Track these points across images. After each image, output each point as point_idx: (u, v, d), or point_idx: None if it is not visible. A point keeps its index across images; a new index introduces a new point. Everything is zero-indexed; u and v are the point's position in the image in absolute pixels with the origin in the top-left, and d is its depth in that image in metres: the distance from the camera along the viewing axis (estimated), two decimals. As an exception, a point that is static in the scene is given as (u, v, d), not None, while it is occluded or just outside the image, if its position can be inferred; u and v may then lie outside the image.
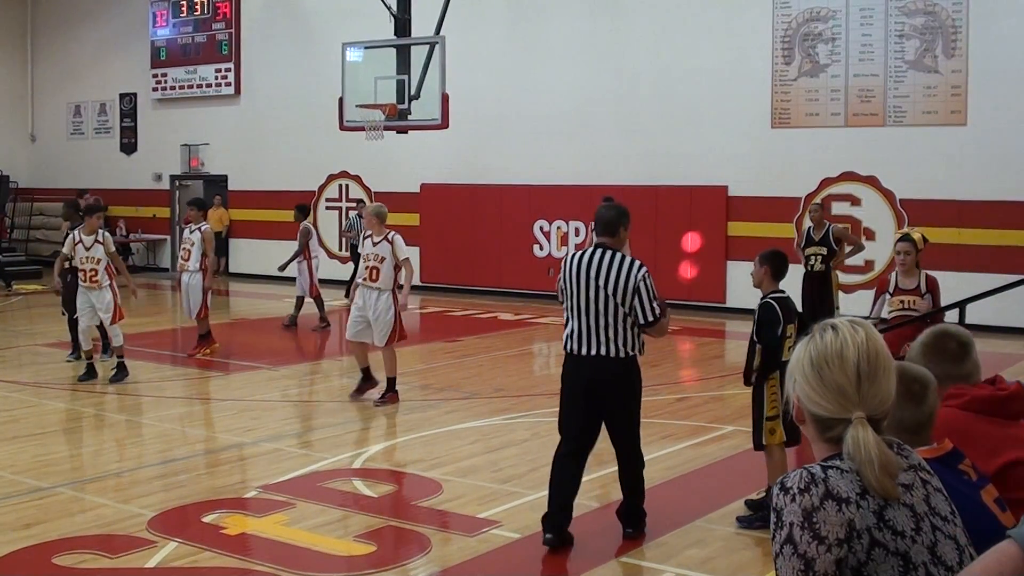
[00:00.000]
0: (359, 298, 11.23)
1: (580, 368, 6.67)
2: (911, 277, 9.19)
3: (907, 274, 9.20)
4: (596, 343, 6.60)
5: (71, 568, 6.35)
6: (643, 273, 6.60)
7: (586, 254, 6.69)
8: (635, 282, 6.54)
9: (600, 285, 6.55)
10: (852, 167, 17.56)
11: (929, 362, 3.38)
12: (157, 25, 26.00)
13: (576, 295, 6.62)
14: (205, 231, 14.17)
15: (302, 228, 17.01)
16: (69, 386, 12.24)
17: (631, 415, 6.82)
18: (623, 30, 19.38)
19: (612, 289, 6.54)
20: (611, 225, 6.77)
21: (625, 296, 6.53)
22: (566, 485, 6.67)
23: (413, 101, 15.25)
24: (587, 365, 6.63)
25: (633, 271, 6.57)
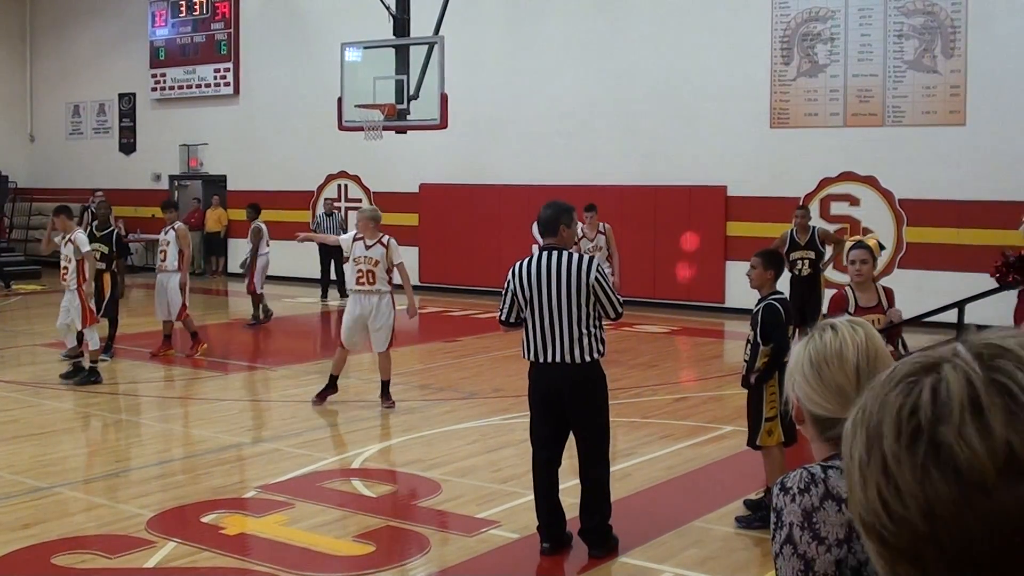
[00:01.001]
0: (354, 305, 11.05)
1: (542, 375, 6.56)
2: (868, 292, 7.67)
3: (863, 288, 7.66)
4: (555, 349, 6.47)
5: (70, 568, 6.35)
6: (596, 267, 6.51)
7: (534, 259, 6.58)
8: (591, 279, 6.42)
9: (556, 287, 6.44)
10: (851, 167, 17.56)
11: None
12: (156, 25, 25.99)
13: (532, 301, 6.51)
14: (179, 228, 14.08)
15: (253, 227, 17.42)
16: (68, 386, 12.24)
17: (596, 422, 6.62)
18: (622, 30, 19.38)
19: (568, 289, 6.42)
20: (551, 224, 6.64)
21: (588, 295, 6.43)
22: (549, 490, 6.61)
23: (412, 101, 15.23)
24: (548, 372, 6.51)
25: (584, 267, 6.45)
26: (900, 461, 0.94)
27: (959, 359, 0.96)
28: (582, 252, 13.75)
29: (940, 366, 0.97)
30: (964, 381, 0.94)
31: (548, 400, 6.55)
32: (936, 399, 0.94)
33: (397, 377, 11.30)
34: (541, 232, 6.74)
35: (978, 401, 0.92)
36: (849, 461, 1.00)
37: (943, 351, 0.99)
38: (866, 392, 1.02)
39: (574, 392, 6.50)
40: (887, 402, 0.97)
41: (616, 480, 7.09)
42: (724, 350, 15.52)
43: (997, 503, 0.90)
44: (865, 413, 1.00)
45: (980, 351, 0.97)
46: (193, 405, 11.72)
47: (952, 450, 0.91)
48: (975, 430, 0.91)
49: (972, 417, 0.92)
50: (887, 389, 0.99)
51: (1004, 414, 0.91)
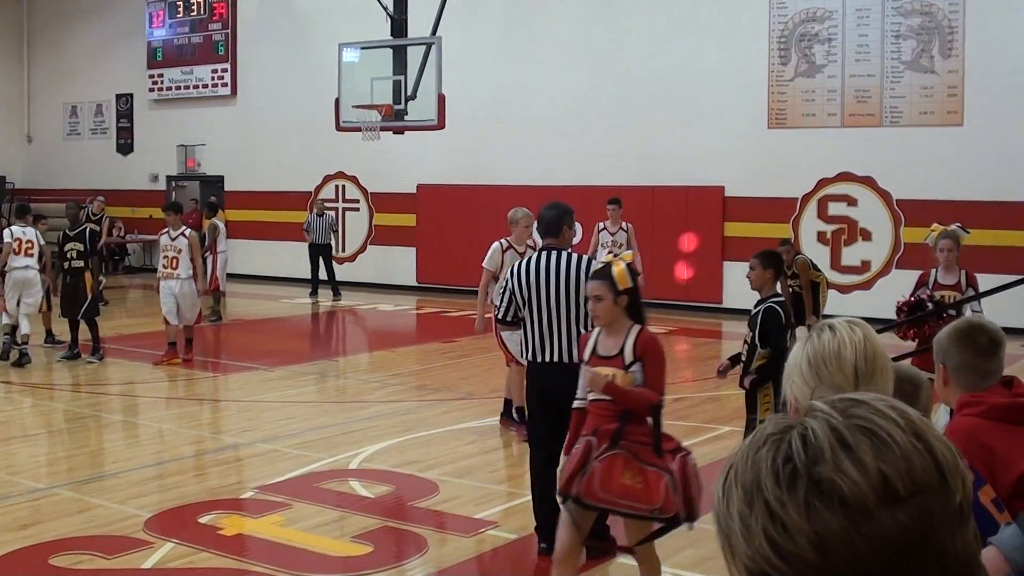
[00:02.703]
0: None
1: (539, 375, 6.62)
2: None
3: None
4: (552, 349, 6.53)
5: (68, 569, 6.35)
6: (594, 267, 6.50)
7: (533, 259, 6.64)
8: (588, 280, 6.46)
9: (555, 287, 6.50)
10: (849, 167, 17.57)
11: (955, 348, 3.37)
12: (153, 26, 25.97)
13: (531, 301, 6.56)
14: (191, 235, 13.64)
15: (210, 225, 17.78)
16: (67, 386, 12.24)
17: None
18: (619, 31, 19.38)
19: (567, 289, 6.48)
20: (553, 225, 6.67)
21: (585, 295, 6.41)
22: (547, 491, 6.55)
23: (409, 102, 15.24)
24: (545, 371, 6.57)
25: (583, 267, 6.51)
26: (784, 503, 1.03)
27: (818, 412, 1.08)
28: (601, 244, 13.83)
29: (800, 422, 1.08)
30: (828, 427, 1.06)
31: (546, 399, 6.56)
32: (807, 444, 1.05)
33: (394, 378, 11.30)
34: (543, 232, 6.73)
35: (845, 441, 1.04)
36: (727, 521, 1.08)
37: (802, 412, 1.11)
38: (730, 458, 1.12)
39: (571, 392, 6.50)
40: (759, 458, 1.07)
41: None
42: (722, 350, 15.51)
43: (880, 526, 1.01)
44: (737, 473, 1.09)
45: (835, 405, 1.09)
46: (190, 405, 11.71)
47: (833, 483, 1.02)
48: (850, 463, 1.02)
49: (844, 454, 1.03)
50: (754, 450, 1.09)
51: (871, 449, 1.03)
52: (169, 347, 13.49)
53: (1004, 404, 3.27)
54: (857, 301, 16.99)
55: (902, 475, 1.02)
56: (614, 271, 5.39)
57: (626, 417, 5.26)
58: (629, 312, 5.43)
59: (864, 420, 1.06)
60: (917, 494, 1.02)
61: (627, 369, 5.35)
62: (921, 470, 1.03)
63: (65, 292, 13.53)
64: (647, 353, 5.40)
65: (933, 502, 1.03)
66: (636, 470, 5.16)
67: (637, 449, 5.20)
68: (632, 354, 5.37)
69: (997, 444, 3.18)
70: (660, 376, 5.46)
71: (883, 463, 1.02)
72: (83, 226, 13.75)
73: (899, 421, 1.06)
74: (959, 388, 3.38)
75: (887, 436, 1.04)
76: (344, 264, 22.77)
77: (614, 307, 5.38)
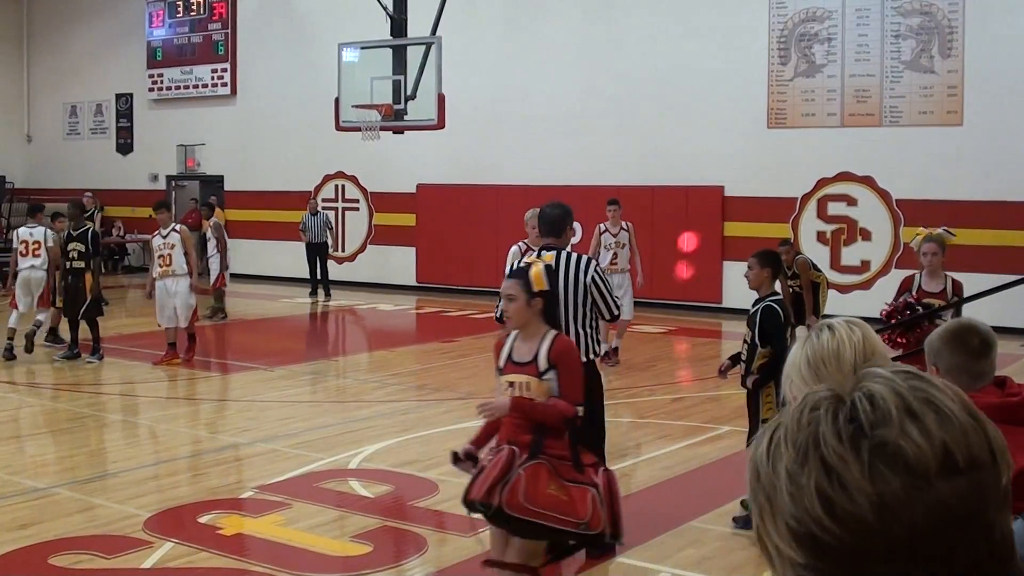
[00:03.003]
0: None
1: None
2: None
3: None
4: None
5: (67, 568, 6.35)
6: (594, 268, 6.55)
7: None
8: (588, 279, 6.47)
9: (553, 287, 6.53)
10: (848, 167, 17.58)
11: (947, 349, 3.37)
12: (153, 25, 25.98)
13: None
14: (182, 229, 13.54)
15: (215, 223, 17.95)
16: (66, 386, 12.24)
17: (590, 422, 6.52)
18: (619, 30, 19.39)
19: (565, 288, 6.45)
20: (557, 224, 6.68)
21: (584, 294, 6.47)
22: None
23: (409, 101, 15.23)
24: None
25: (582, 267, 6.50)
26: (846, 461, 1.02)
27: (880, 377, 1.08)
28: (604, 246, 13.84)
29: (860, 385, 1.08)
30: (894, 392, 1.05)
31: None
32: (874, 405, 1.04)
33: (393, 377, 11.30)
34: (545, 231, 6.71)
35: (911, 408, 1.04)
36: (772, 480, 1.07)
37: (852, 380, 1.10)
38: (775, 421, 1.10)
39: None
40: (816, 417, 1.06)
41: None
42: (722, 350, 15.50)
43: (939, 494, 1.01)
44: (787, 432, 1.07)
45: (897, 372, 1.09)
46: (190, 405, 11.71)
47: (899, 447, 1.02)
48: (916, 429, 1.03)
49: (910, 420, 1.03)
50: (808, 410, 1.07)
51: (936, 418, 1.04)
52: (169, 347, 13.45)
53: (997, 404, 3.28)
54: (857, 301, 16.98)
55: (961, 448, 1.03)
56: (531, 272, 5.15)
57: (541, 430, 4.99)
58: (546, 317, 5.18)
59: (924, 392, 1.06)
60: (973, 469, 1.03)
61: (541, 377, 5.06)
62: (977, 446, 1.04)
63: (67, 292, 13.55)
64: (561, 361, 5.08)
65: (987, 478, 1.04)
66: (560, 485, 4.90)
67: (557, 465, 4.95)
68: (546, 361, 5.07)
69: None
70: (575, 386, 5.12)
71: (946, 434, 1.03)
72: (85, 227, 13.74)
73: (955, 397, 1.07)
74: None
75: (948, 409, 1.05)
76: (344, 264, 22.78)
77: (527, 309, 5.11)
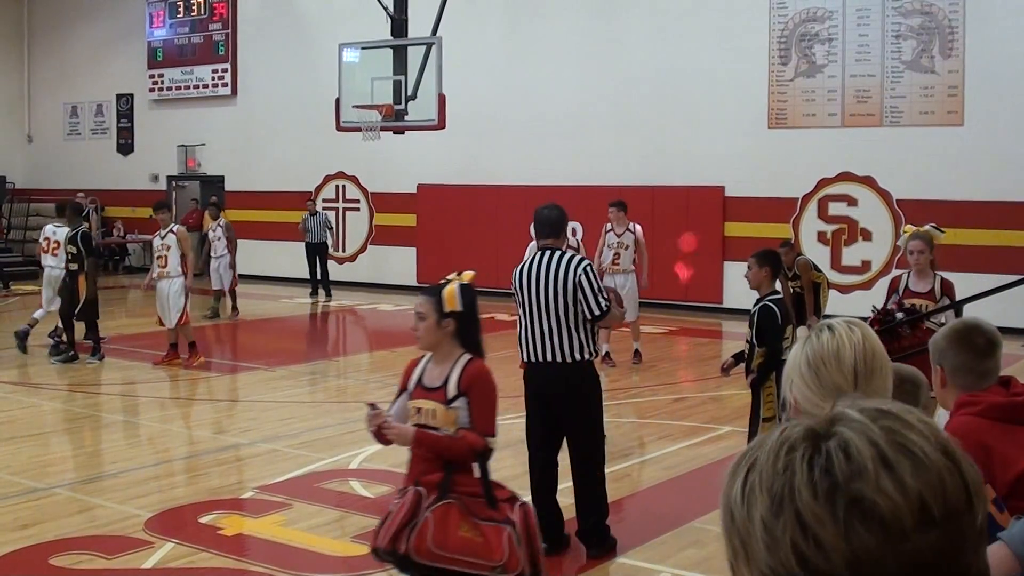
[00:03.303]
0: None
1: (533, 375, 6.62)
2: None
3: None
4: (545, 349, 6.50)
5: (68, 569, 6.35)
6: (584, 267, 6.47)
7: (533, 260, 6.60)
8: (576, 277, 6.41)
9: (545, 286, 6.47)
10: (849, 167, 17.57)
11: (952, 349, 3.37)
12: (154, 26, 25.98)
13: (525, 301, 6.56)
14: (179, 231, 13.51)
15: (226, 223, 18.06)
16: (66, 386, 12.24)
17: (587, 424, 6.60)
18: (620, 31, 19.38)
19: (555, 288, 6.43)
20: (556, 225, 6.66)
21: (572, 293, 6.41)
22: (547, 491, 6.63)
23: (410, 102, 15.22)
24: (538, 372, 6.56)
25: (572, 266, 6.45)
26: (821, 519, 1.00)
27: (855, 423, 1.05)
28: (607, 245, 13.86)
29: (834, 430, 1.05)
30: (868, 441, 1.03)
31: (541, 400, 6.59)
32: (849, 457, 1.02)
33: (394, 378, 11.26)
34: (545, 232, 6.68)
35: (887, 458, 1.02)
36: (746, 526, 1.05)
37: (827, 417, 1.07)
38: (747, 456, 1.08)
39: (567, 392, 6.54)
40: (792, 464, 1.03)
41: (615, 480, 7.09)
42: (722, 350, 15.51)
43: (914, 548, 0.99)
44: (762, 477, 1.05)
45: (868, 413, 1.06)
46: (191, 405, 11.71)
47: (874, 503, 1.00)
48: (891, 483, 1.00)
49: (885, 472, 1.01)
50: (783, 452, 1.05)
51: (912, 466, 1.01)
52: (170, 348, 13.44)
53: (1002, 403, 3.27)
54: (857, 301, 16.96)
55: (937, 498, 1.01)
56: (445, 290, 4.74)
57: (451, 467, 4.60)
58: (461, 339, 4.77)
59: (900, 436, 1.04)
60: (949, 518, 1.01)
61: (448, 404, 4.64)
62: (953, 492, 1.02)
63: (63, 294, 13.55)
64: (474, 388, 4.65)
65: (963, 525, 1.02)
66: (472, 524, 4.51)
67: (469, 502, 4.56)
68: (456, 388, 4.65)
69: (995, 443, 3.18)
70: (488, 416, 4.67)
71: (921, 484, 1.01)
72: (78, 228, 13.69)
73: (930, 437, 1.05)
74: (957, 389, 3.38)
75: (923, 454, 1.02)
76: (344, 264, 22.78)
77: (437, 330, 4.70)
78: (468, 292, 4.84)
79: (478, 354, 4.80)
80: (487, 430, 4.66)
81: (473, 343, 4.83)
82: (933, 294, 8.16)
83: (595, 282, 6.49)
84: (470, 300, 4.81)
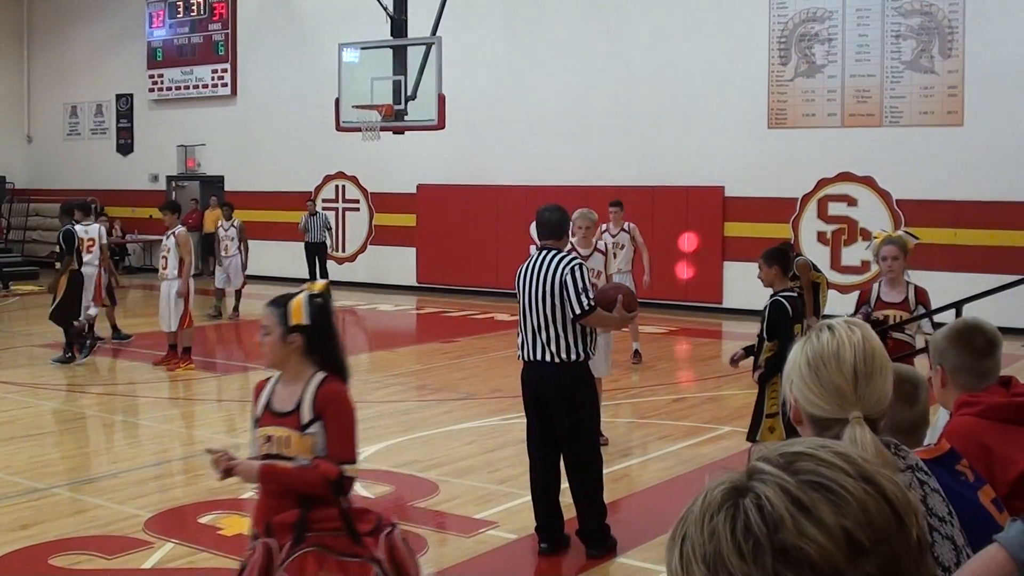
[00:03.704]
0: None
1: (527, 374, 6.67)
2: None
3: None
4: (537, 348, 6.54)
5: (67, 569, 6.35)
6: (572, 265, 6.45)
7: (534, 260, 6.66)
8: (562, 275, 6.42)
9: (537, 286, 6.51)
10: (849, 167, 17.57)
11: (952, 349, 3.37)
12: (153, 26, 25.98)
13: (522, 300, 6.62)
14: (179, 234, 13.38)
15: (240, 224, 18.02)
16: (66, 387, 12.24)
17: (577, 425, 6.57)
18: (620, 31, 19.38)
19: (544, 288, 6.47)
20: (558, 227, 6.73)
21: (560, 292, 6.42)
22: (547, 490, 6.64)
23: (409, 102, 15.23)
24: (531, 371, 6.61)
25: (562, 265, 6.47)
26: None
27: (764, 475, 1.06)
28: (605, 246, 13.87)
29: (750, 486, 1.06)
30: (780, 490, 1.04)
31: (537, 399, 6.61)
32: (763, 513, 1.03)
33: (394, 378, 11.30)
34: (547, 234, 6.71)
35: (801, 502, 1.03)
36: None
37: (744, 472, 1.09)
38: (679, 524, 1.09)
39: (557, 391, 6.54)
40: (716, 529, 1.05)
41: (615, 480, 7.09)
42: (722, 350, 15.51)
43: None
44: (694, 546, 1.06)
45: (780, 463, 1.07)
46: (191, 405, 11.71)
47: (800, 550, 1.00)
48: (812, 526, 1.01)
49: (803, 516, 1.02)
50: (707, 518, 1.06)
51: (829, 505, 1.02)
52: (170, 349, 13.43)
53: (1002, 403, 3.27)
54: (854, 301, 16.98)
55: (863, 527, 1.02)
56: (291, 302, 4.21)
57: (306, 503, 4.07)
58: (313, 357, 4.22)
59: (814, 475, 1.05)
60: (880, 542, 1.02)
61: (303, 431, 4.13)
62: (879, 517, 1.03)
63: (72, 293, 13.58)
64: (328, 409, 4.14)
65: (896, 546, 1.03)
66: (334, 566, 4.00)
67: (330, 540, 4.04)
68: (311, 411, 4.14)
69: (995, 443, 3.18)
70: (345, 440, 4.17)
71: (843, 518, 1.02)
72: (63, 228, 13.85)
73: (847, 468, 1.06)
74: (957, 389, 3.38)
75: (840, 488, 1.03)
76: (344, 264, 22.79)
77: (282, 346, 4.19)
78: (317, 304, 4.24)
79: (339, 374, 4.26)
80: (345, 456, 4.15)
81: (331, 361, 4.26)
82: (907, 304, 7.73)
83: (581, 280, 6.41)
84: (320, 312, 4.23)
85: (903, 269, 7.75)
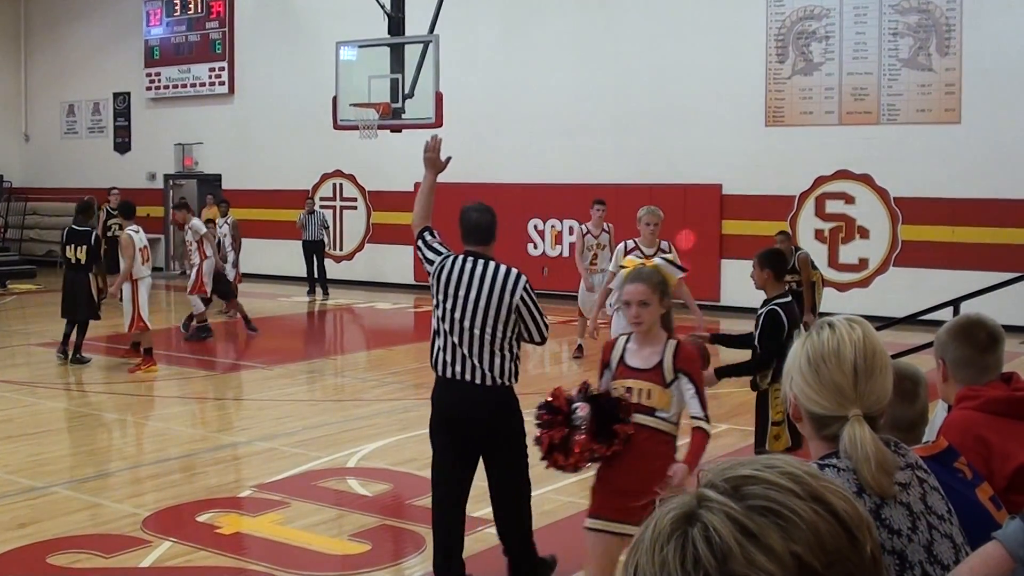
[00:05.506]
0: None
1: (447, 393, 5.78)
2: None
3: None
4: (464, 366, 5.69)
5: (66, 568, 6.34)
6: (524, 285, 5.70)
7: (458, 261, 5.81)
8: (517, 297, 5.66)
9: (476, 298, 5.67)
10: (846, 165, 17.58)
11: (954, 343, 3.37)
12: (150, 24, 25.95)
13: (446, 304, 5.79)
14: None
15: (233, 222, 18.11)
16: (63, 385, 12.23)
17: (512, 456, 5.89)
18: (617, 28, 19.38)
19: (489, 303, 5.64)
20: (489, 231, 5.90)
21: (509, 313, 5.66)
22: (449, 531, 5.92)
23: (407, 100, 15.21)
24: (454, 390, 5.73)
25: (511, 283, 5.66)
26: None
27: (711, 502, 1.04)
28: (587, 246, 13.90)
29: (697, 514, 1.04)
30: (727, 519, 1.02)
31: (450, 423, 5.83)
32: (711, 544, 1.01)
33: (392, 376, 11.28)
34: (474, 238, 5.90)
35: (748, 529, 1.00)
36: None
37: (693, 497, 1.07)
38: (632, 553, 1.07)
39: (489, 420, 5.77)
40: (665, 562, 1.03)
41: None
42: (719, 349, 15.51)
43: None
44: None
45: (725, 488, 1.05)
46: (188, 404, 11.70)
47: None
48: (761, 554, 0.99)
49: (752, 544, 0.99)
50: (659, 547, 1.04)
51: (777, 531, 1.00)
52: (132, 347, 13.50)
53: (1002, 398, 3.27)
54: (855, 299, 17.01)
55: (814, 550, 1.00)
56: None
57: None
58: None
59: (762, 499, 1.03)
60: (833, 564, 1.00)
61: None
62: (830, 538, 1.01)
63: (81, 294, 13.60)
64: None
65: (849, 565, 1.01)
66: None
67: None
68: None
69: (994, 437, 3.18)
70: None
71: (793, 544, 1.00)
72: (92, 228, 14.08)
73: (795, 489, 1.04)
74: (958, 383, 3.39)
75: (789, 512, 1.01)
76: (341, 262, 22.78)
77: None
78: None
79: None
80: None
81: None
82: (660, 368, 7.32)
83: (536, 303, 5.75)
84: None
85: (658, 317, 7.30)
